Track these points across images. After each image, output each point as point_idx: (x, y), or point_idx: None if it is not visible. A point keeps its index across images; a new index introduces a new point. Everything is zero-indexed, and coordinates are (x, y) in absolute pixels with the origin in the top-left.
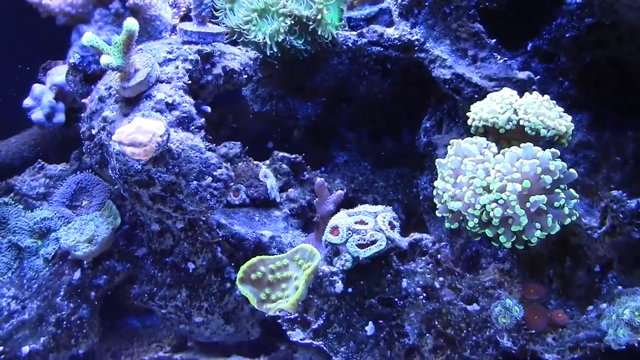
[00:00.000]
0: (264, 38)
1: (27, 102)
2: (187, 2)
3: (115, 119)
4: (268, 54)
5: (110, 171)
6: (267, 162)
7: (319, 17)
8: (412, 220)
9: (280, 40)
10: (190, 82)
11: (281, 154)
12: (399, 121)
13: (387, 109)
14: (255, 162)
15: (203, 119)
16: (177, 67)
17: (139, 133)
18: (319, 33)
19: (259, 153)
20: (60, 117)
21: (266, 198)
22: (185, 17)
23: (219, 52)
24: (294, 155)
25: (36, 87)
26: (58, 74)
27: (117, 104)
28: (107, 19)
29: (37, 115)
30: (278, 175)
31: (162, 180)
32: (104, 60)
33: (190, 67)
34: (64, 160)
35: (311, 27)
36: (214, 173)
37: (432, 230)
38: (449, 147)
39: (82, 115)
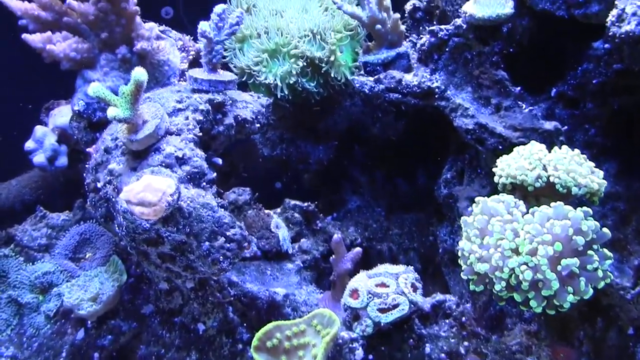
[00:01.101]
0: (275, 80)
1: (29, 144)
2: (196, 46)
3: (122, 172)
4: (279, 96)
5: (117, 227)
6: (279, 210)
7: (331, 58)
8: (428, 270)
9: (291, 82)
10: (201, 133)
11: (293, 202)
12: (413, 163)
13: (400, 151)
14: (266, 212)
15: (215, 174)
16: (187, 118)
17: (148, 192)
18: (332, 75)
19: (267, 195)
20: (63, 161)
21: (278, 250)
22: (195, 62)
23: (230, 101)
24: (306, 204)
25: (38, 129)
26: (61, 115)
27: (123, 156)
28: (113, 64)
29: (39, 158)
30: (290, 225)
31: (172, 240)
32: (111, 112)
33: (201, 117)
34: (66, 203)
35: (324, 68)
36: (227, 233)
37: (452, 285)
38: (474, 205)
39: (87, 165)
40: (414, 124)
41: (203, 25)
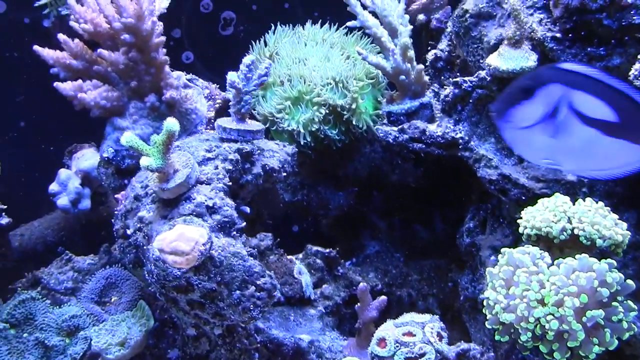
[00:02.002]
0: (298, 127)
1: (53, 187)
2: (222, 94)
3: (152, 220)
4: (302, 143)
5: (147, 274)
6: (300, 256)
7: (353, 106)
8: (447, 316)
9: (314, 129)
10: (230, 183)
11: (315, 248)
12: (430, 209)
13: (418, 197)
14: (288, 257)
15: (244, 223)
16: (216, 167)
17: (181, 241)
18: (354, 122)
19: (285, 240)
20: (86, 203)
21: (301, 296)
22: (221, 110)
23: (258, 150)
24: (327, 250)
25: (62, 173)
26: (85, 159)
27: (154, 204)
28: (142, 112)
29: (62, 201)
30: (312, 271)
31: (202, 288)
32: (144, 162)
33: (231, 167)
34: (87, 244)
35: (345, 116)
36: (258, 282)
37: (473, 332)
38: (500, 255)
39: (115, 212)
40: (432, 171)
41: (232, 76)
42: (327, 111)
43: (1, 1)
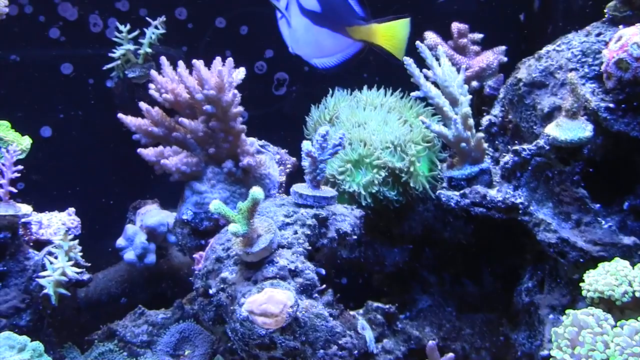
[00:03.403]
0: (359, 189)
1: (120, 242)
2: (292, 159)
3: (235, 281)
4: (363, 204)
5: (230, 332)
6: (361, 311)
7: (411, 169)
8: None
9: (373, 191)
10: (310, 247)
11: (375, 304)
12: (479, 264)
13: (468, 253)
14: (351, 313)
15: (324, 285)
16: (296, 232)
17: (270, 303)
18: (411, 184)
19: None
20: (151, 258)
21: (365, 351)
22: (292, 175)
23: (332, 215)
24: (387, 306)
25: (129, 228)
26: (151, 215)
27: (236, 266)
28: (219, 177)
29: (129, 255)
30: (373, 326)
31: (286, 346)
32: (232, 228)
33: (309, 232)
34: (148, 296)
35: (403, 178)
36: (339, 342)
37: None
38: (565, 316)
39: (195, 271)
40: (481, 229)
41: (307, 145)
42: (386, 174)
43: (68, 63)
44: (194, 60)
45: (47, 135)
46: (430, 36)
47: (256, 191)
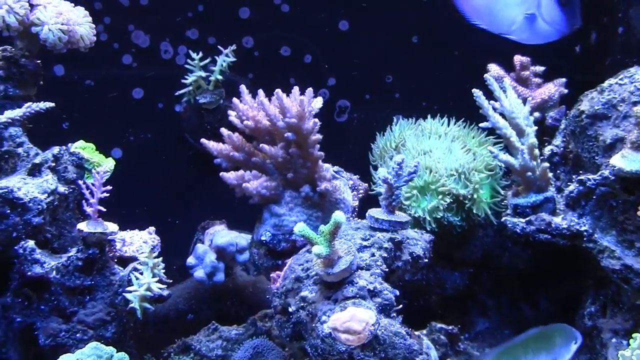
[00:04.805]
0: (424, 214)
1: (190, 260)
2: (364, 185)
3: (315, 300)
4: (427, 229)
5: (309, 347)
6: (424, 332)
7: (475, 196)
8: None
9: (438, 216)
10: (388, 269)
11: (439, 325)
12: (536, 289)
13: (525, 277)
14: (416, 333)
15: (401, 305)
16: (373, 255)
17: (353, 321)
18: (474, 211)
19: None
20: (220, 276)
21: None
22: (364, 200)
23: (406, 239)
24: (450, 327)
25: (199, 247)
26: (221, 236)
27: (315, 285)
28: (296, 200)
29: (199, 273)
30: (436, 346)
31: None
32: (316, 250)
33: (386, 255)
34: (214, 313)
35: (467, 205)
36: (417, 359)
37: None
38: (632, 340)
39: (274, 290)
40: (539, 254)
41: (383, 172)
42: (451, 200)
43: (139, 88)
44: (277, 90)
45: (117, 157)
46: (494, 68)
47: (338, 215)
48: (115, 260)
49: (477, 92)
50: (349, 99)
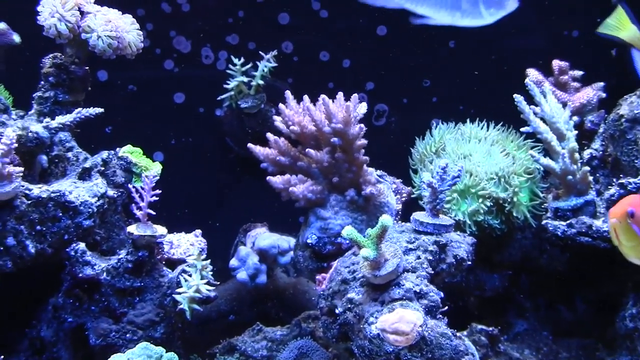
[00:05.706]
0: (464, 217)
1: (233, 262)
2: (407, 188)
3: (362, 302)
4: (467, 232)
5: (356, 348)
6: (465, 333)
7: (514, 199)
8: None
9: (478, 220)
10: (433, 272)
11: (479, 326)
12: (574, 291)
13: (563, 280)
14: (457, 335)
15: (447, 307)
16: (418, 257)
17: (402, 323)
18: (514, 214)
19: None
20: (262, 278)
21: None
22: (407, 204)
23: (450, 242)
24: (491, 328)
25: (242, 250)
26: (263, 238)
27: (362, 287)
28: (342, 204)
29: (241, 275)
30: (477, 347)
31: None
32: (364, 253)
33: (431, 257)
34: (255, 315)
35: (507, 208)
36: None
37: None
38: None
39: (320, 292)
40: (577, 257)
41: (427, 177)
42: (491, 203)
43: (181, 92)
44: (322, 96)
45: (159, 160)
46: (533, 73)
47: (386, 218)
48: (164, 262)
49: (518, 98)
50: (386, 103)
